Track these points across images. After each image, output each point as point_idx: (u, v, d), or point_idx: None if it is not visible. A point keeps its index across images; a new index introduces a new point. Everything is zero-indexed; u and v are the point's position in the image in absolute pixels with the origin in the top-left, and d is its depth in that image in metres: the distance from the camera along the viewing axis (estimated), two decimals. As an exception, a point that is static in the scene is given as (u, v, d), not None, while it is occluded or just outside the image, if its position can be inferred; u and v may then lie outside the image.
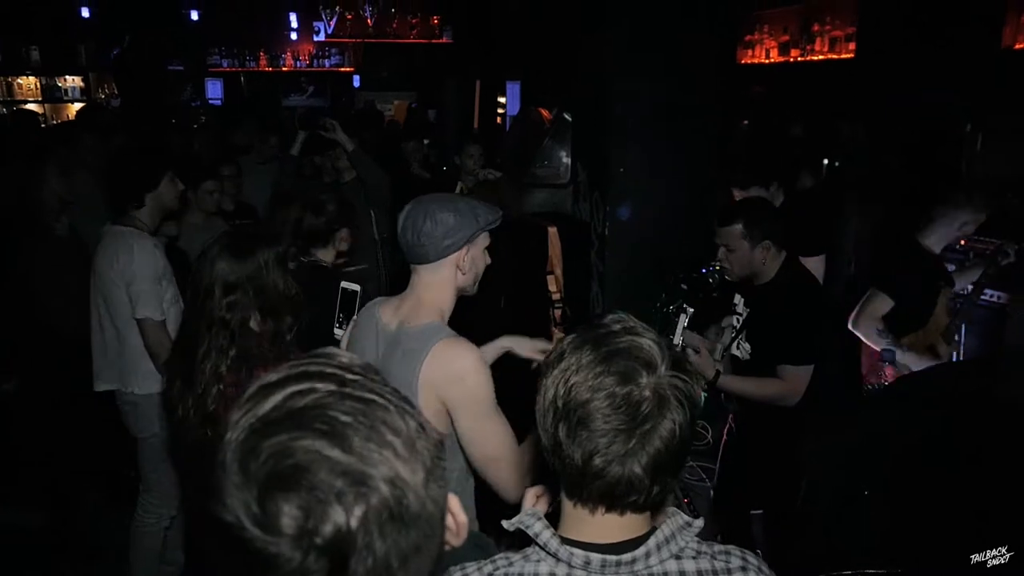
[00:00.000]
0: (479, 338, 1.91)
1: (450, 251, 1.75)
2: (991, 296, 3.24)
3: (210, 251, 2.00)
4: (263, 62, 9.93)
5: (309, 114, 3.83)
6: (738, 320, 2.80)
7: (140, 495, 2.94)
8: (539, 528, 1.05)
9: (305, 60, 10.07)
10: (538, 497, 1.29)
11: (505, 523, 1.11)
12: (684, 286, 3.07)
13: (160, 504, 2.91)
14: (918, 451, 1.88)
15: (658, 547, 1.01)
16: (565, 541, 1.03)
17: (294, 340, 2.04)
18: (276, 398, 0.69)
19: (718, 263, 2.69)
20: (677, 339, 2.64)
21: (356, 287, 2.49)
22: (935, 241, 2.93)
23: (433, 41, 9.98)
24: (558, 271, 3.69)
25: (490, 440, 1.71)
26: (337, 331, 2.48)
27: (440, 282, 1.79)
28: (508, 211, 3.02)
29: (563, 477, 1.04)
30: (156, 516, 2.92)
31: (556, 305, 3.53)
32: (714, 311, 2.94)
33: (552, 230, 3.64)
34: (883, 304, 2.84)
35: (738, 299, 2.82)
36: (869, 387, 2.59)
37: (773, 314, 2.56)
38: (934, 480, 1.81)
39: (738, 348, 2.75)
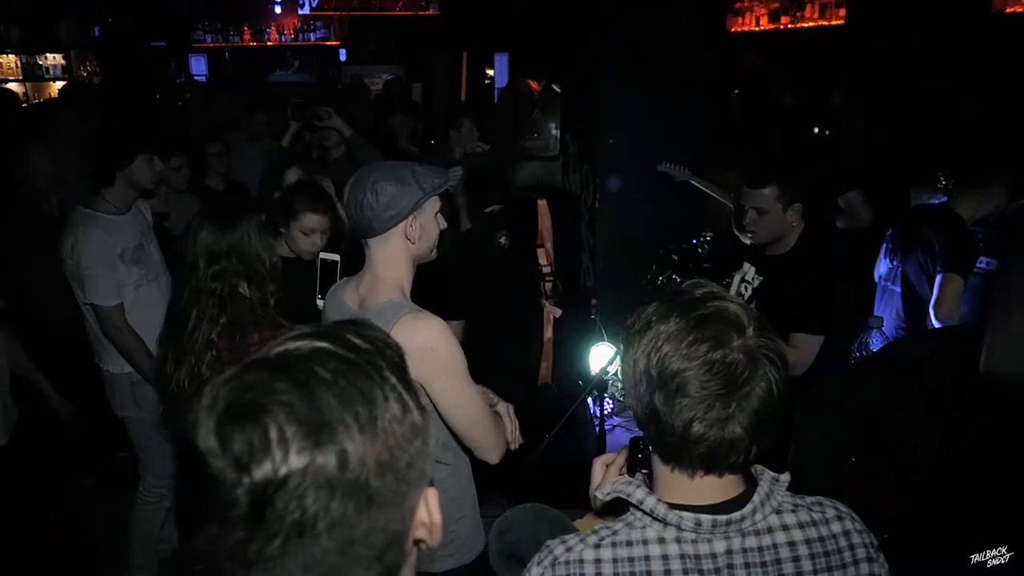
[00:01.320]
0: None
1: (395, 221, 1.67)
2: (984, 264, 3.23)
3: (193, 223, 2.02)
4: (247, 37, 9.74)
5: (302, 104, 3.75)
6: (746, 287, 2.77)
7: (140, 477, 2.96)
8: (642, 495, 1.03)
9: (290, 34, 9.89)
10: (607, 465, 1.26)
11: (599, 493, 1.09)
12: (674, 257, 3.07)
13: (157, 484, 2.92)
14: (903, 420, 1.89)
15: (761, 503, 1.02)
16: (670, 506, 1.02)
17: (278, 308, 2.08)
18: (280, 346, 0.71)
19: (708, 234, 2.68)
20: None
21: (335, 256, 2.49)
22: (966, 210, 2.87)
23: (420, 13, 9.82)
24: (548, 244, 3.66)
25: (468, 404, 1.69)
26: (319, 302, 2.47)
27: (391, 255, 1.71)
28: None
29: (660, 444, 1.04)
30: (156, 496, 2.93)
31: (547, 278, 3.51)
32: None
33: (542, 203, 3.61)
34: (959, 286, 2.74)
35: (748, 267, 2.76)
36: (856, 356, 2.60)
37: (789, 283, 2.53)
38: (917, 452, 1.83)
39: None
